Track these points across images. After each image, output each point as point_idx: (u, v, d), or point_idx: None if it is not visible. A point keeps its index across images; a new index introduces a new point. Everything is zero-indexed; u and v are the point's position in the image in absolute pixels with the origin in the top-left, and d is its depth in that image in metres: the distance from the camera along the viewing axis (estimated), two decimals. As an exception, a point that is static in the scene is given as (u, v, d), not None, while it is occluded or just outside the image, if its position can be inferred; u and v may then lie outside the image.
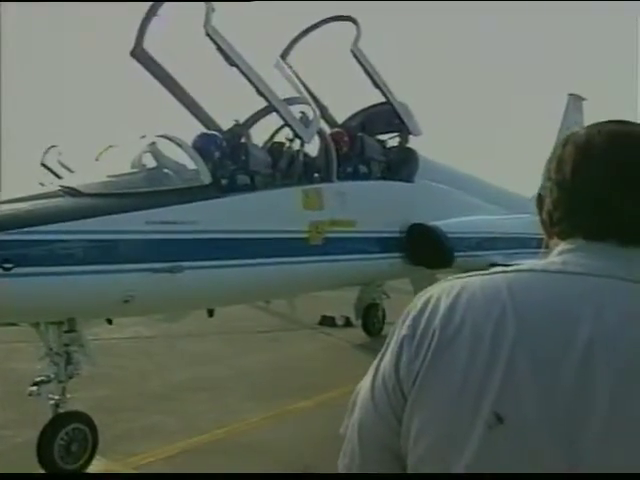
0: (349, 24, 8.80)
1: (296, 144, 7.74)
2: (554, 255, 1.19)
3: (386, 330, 11.74)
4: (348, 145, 8.80)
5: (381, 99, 9.35)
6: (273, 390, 8.19)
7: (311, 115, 7.88)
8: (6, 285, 4.88)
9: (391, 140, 9.94)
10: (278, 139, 8.37)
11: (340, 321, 13.03)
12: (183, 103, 7.80)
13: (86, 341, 5.83)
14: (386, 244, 8.71)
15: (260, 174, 7.17)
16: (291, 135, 7.74)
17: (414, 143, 9.89)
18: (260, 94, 7.13)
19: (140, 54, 7.26)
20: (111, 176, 6.34)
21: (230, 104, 9.84)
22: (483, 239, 10.14)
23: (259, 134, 8.48)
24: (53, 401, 5.59)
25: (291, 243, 7.21)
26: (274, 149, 8.00)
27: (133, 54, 7.26)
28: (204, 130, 7.58)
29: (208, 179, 6.50)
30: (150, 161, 6.65)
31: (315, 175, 8.06)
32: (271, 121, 8.14)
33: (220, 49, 6.71)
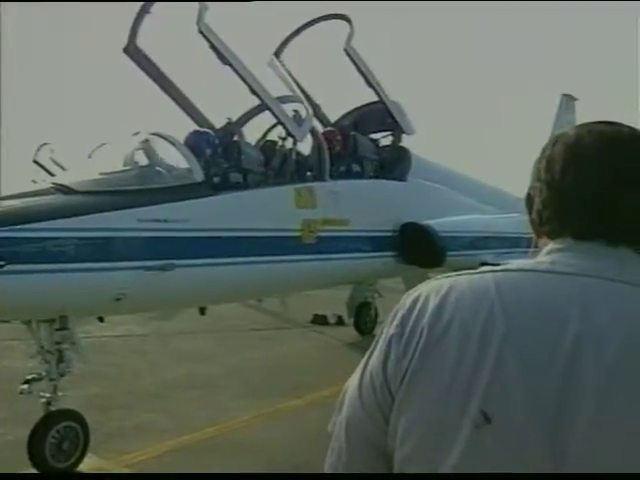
0: (342, 23, 8.80)
1: (289, 143, 7.73)
2: (543, 254, 1.19)
3: (378, 329, 11.73)
4: (341, 144, 8.80)
5: (374, 98, 9.35)
6: (265, 388, 8.18)
7: (304, 114, 7.87)
8: (-2, 282, 4.87)
9: (384, 139, 9.95)
10: (271, 137, 8.37)
11: (332, 320, 13.02)
12: (176, 101, 7.79)
13: (78, 339, 5.80)
14: (379, 243, 8.71)
15: (253, 172, 7.17)
16: (284, 133, 7.73)
17: (407, 142, 9.91)
18: (253, 92, 7.11)
19: (133, 51, 7.24)
20: (103, 174, 6.33)
21: (223, 102, 9.85)
22: (475, 238, 10.15)
23: (252, 132, 8.49)
24: (44, 399, 5.57)
25: (283, 242, 7.20)
26: (267, 147, 8.00)
27: (126, 51, 7.24)
28: (197, 128, 7.58)
29: (200, 177, 6.49)
30: (142, 159, 6.63)
31: (308, 174, 8.06)
32: (264, 119, 8.15)
33: (213, 47, 6.69)
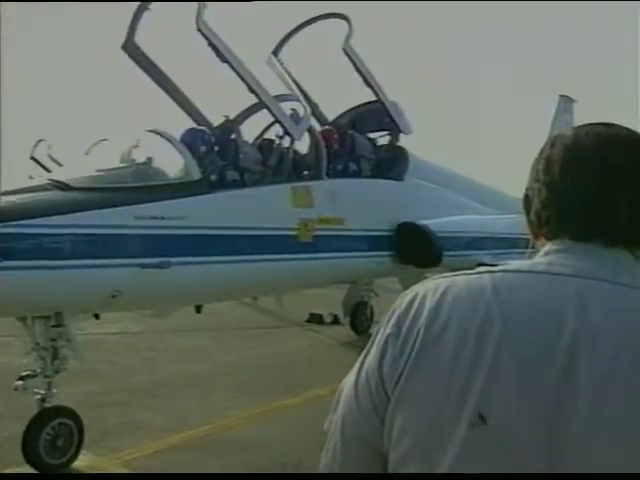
0: (341, 22, 8.80)
1: (286, 141, 7.73)
2: (540, 255, 1.19)
3: (374, 328, 11.73)
4: (338, 143, 8.81)
5: (372, 97, 9.35)
6: (260, 387, 8.18)
7: (302, 112, 7.87)
8: (-7, 278, 4.86)
9: (381, 138, 9.95)
10: (268, 136, 8.36)
11: (328, 319, 13.02)
12: (174, 98, 7.77)
13: (73, 336, 5.80)
14: (375, 242, 8.71)
15: (250, 171, 7.16)
16: (281, 132, 7.72)
17: (404, 142, 9.92)
18: (251, 90, 7.10)
19: (131, 48, 7.23)
20: (100, 170, 6.32)
21: (221, 100, 9.84)
22: (472, 239, 10.16)
23: (249, 131, 8.48)
24: (39, 396, 5.57)
25: (280, 240, 7.19)
26: (264, 146, 7.99)
27: (124, 48, 7.23)
28: (194, 125, 7.57)
29: (197, 175, 6.49)
30: (139, 156, 6.63)
31: (305, 172, 8.06)
32: (262, 118, 8.14)
33: (211, 45, 6.69)
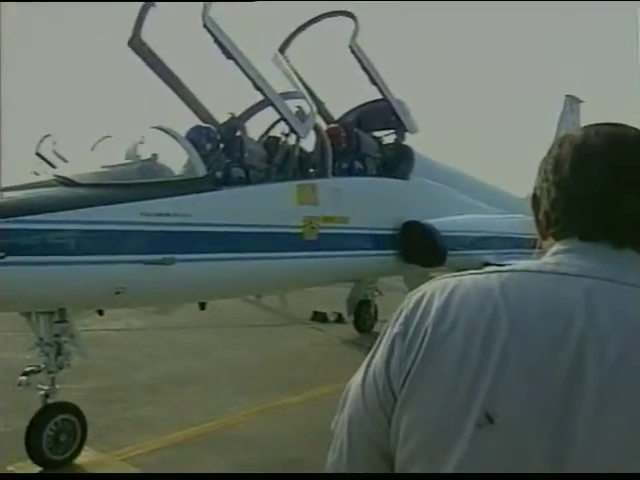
0: (348, 20, 8.78)
1: (292, 139, 7.72)
2: (548, 255, 1.19)
3: (377, 327, 11.75)
4: (344, 141, 8.79)
5: (378, 96, 9.34)
6: (263, 384, 8.18)
7: (307, 110, 7.84)
8: (-2, 273, 4.86)
9: (387, 137, 9.94)
10: (274, 133, 8.35)
11: (332, 317, 13.03)
12: (179, 95, 7.78)
13: (77, 332, 5.82)
14: (380, 241, 8.69)
15: (255, 168, 7.16)
16: (287, 130, 7.71)
17: (410, 140, 9.90)
18: (257, 88, 7.09)
19: (137, 45, 7.23)
20: (105, 167, 6.32)
21: (226, 97, 9.84)
22: (477, 238, 10.13)
23: (255, 128, 8.47)
24: (43, 391, 5.58)
25: (285, 238, 7.18)
26: (270, 143, 7.98)
27: (130, 44, 7.24)
28: (199, 122, 7.56)
29: (203, 172, 6.48)
30: (145, 152, 6.63)
31: (310, 170, 8.06)
32: (267, 115, 8.14)
33: (217, 41, 6.68)
